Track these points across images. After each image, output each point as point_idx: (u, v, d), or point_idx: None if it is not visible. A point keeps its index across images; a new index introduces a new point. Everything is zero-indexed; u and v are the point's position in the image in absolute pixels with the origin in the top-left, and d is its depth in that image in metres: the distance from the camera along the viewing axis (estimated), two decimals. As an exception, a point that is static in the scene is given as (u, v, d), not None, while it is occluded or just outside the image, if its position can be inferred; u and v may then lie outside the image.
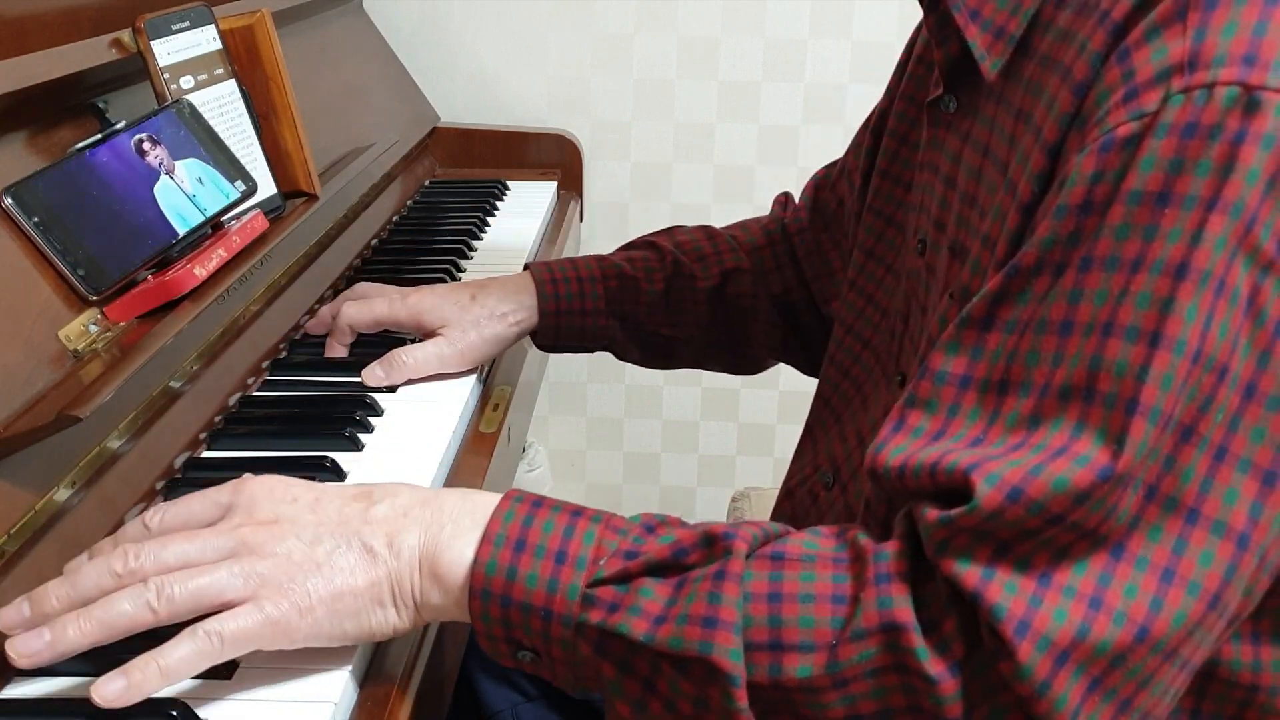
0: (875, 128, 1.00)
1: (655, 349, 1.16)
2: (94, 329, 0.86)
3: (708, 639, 0.61)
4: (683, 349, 1.16)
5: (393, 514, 0.69)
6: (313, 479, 0.87)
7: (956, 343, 0.64)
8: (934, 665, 0.59)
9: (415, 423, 1.00)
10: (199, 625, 0.64)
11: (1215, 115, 0.56)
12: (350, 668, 0.69)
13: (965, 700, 0.59)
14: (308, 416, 0.99)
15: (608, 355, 1.17)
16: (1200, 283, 0.56)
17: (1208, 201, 0.56)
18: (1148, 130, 0.58)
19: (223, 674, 0.68)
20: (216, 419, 0.98)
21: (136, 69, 1.03)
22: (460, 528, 0.68)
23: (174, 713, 0.64)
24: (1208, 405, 0.57)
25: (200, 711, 0.66)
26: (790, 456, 1.00)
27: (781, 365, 1.20)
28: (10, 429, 0.75)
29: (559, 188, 1.80)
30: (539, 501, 0.69)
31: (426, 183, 1.74)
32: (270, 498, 0.69)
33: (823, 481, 0.93)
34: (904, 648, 0.59)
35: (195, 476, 0.91)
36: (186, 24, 1.06)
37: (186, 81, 1.05)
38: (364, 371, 1.06)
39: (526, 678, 1.08)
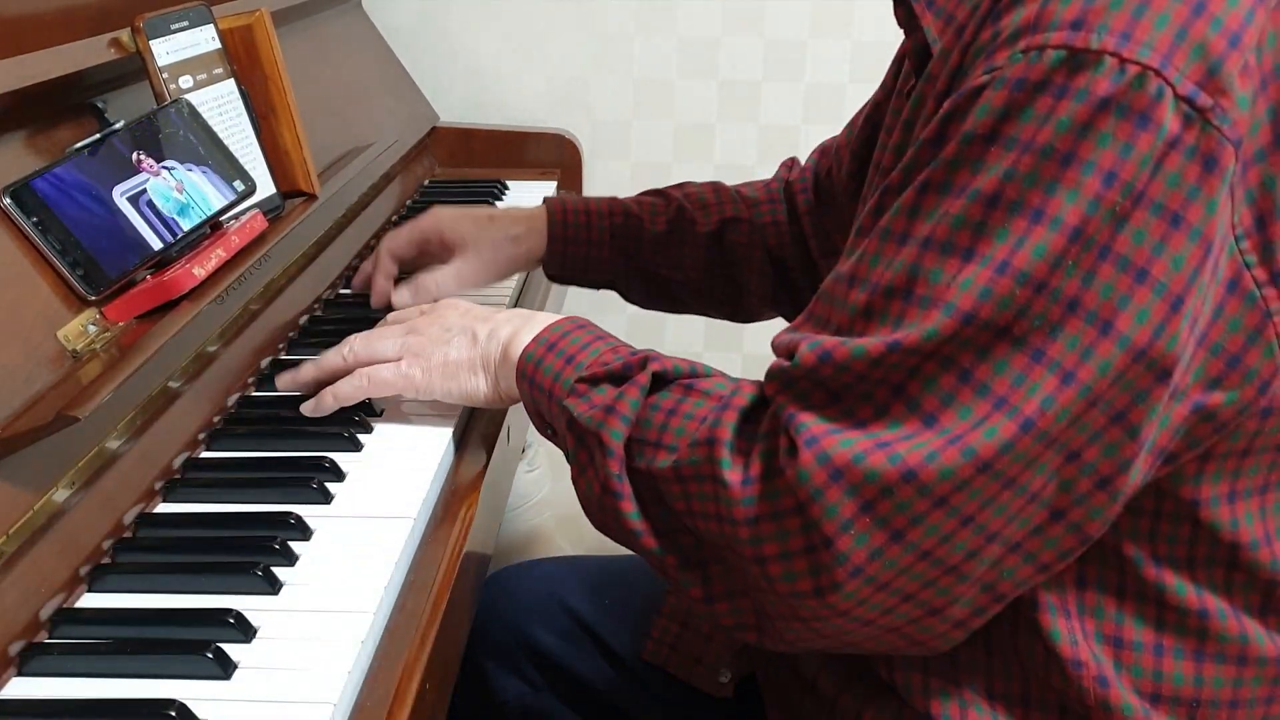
0: (871, 116, 1.05)
1: (656, 289, 1.25)
2: (93, 329, 0.86)
3: (602, 419, 0.80)
4: (682, 291, 1.25)
5: (501, 318, 0.95)
6: (312, 479, 0.88)
7: (851, 248, 0.75)
8: (730, 474, 0.72)
9: (414, 423, 0.99)
10: (359, 370, 0.96)
11: (1042, 73, 0.64)
12: (350, 668, 0.69)
13: (754, 506, 0.71)
14: (307, 416, 0.99)
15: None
16: (1010, 210, 0.65)
17: (1025, 144, 0.64)
18: (989, 84, 0.66)
19: (222, 674, 0.68)
20: (215, 419, 0.98)
21: (135, 69, 1.02)
22: (532, 329, 0.90)
23: (172, 713, 0.64)
24: (1024, 312, 0.65)
25: (199, 712, 0.65)
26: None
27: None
28: (9, 429, 0.74)
29: (558, 187, 1.80)
30: (583, 325, 0.90)
31: (426, 182, 1.74)
32: (446, 305, 1.00)
33: None
34: (714, 458, 0.74)
35: (194, 477, 0.91)
36: (185, 23, 1.06)
37: (185, 81, 1.05)
38: (394, 294, 1.19)
39: (534, 668, 1.08)
